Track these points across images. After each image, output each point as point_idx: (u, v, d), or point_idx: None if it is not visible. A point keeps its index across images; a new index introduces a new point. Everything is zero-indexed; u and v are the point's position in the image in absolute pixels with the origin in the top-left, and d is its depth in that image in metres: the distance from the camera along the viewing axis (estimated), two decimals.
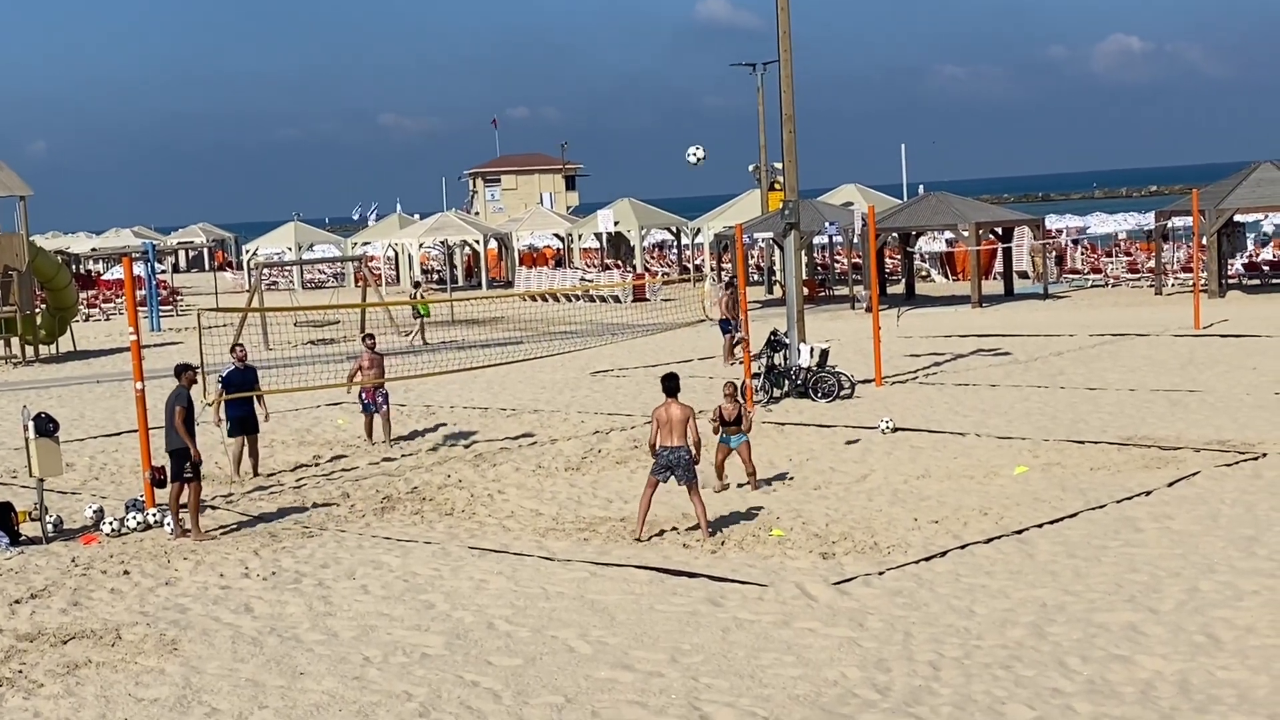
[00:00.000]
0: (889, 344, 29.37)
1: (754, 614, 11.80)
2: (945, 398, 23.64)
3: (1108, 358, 27.65)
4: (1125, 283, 47.85)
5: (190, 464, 15.59)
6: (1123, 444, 18.51)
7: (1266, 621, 10.97)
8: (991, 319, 37.79)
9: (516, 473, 18.80)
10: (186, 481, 15.67)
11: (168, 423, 15.76)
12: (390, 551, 14.68)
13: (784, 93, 25.71)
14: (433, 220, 67.40)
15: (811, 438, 20.28)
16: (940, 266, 55.53)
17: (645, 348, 33.64)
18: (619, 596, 12.50)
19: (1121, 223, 61.73)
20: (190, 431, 15.68)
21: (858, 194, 55.31)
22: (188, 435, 15.61)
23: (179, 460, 15.67)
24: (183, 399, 15.83)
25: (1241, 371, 24.59)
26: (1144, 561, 12.84)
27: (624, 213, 61.57)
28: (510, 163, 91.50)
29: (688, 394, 25.36)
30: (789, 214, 25.67)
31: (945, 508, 15.52)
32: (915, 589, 12.38)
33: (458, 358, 30.98)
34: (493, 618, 12.07)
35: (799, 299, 25.98)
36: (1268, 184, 40.97)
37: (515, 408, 24.81)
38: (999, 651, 10.61)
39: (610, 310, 46.28)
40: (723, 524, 15.20)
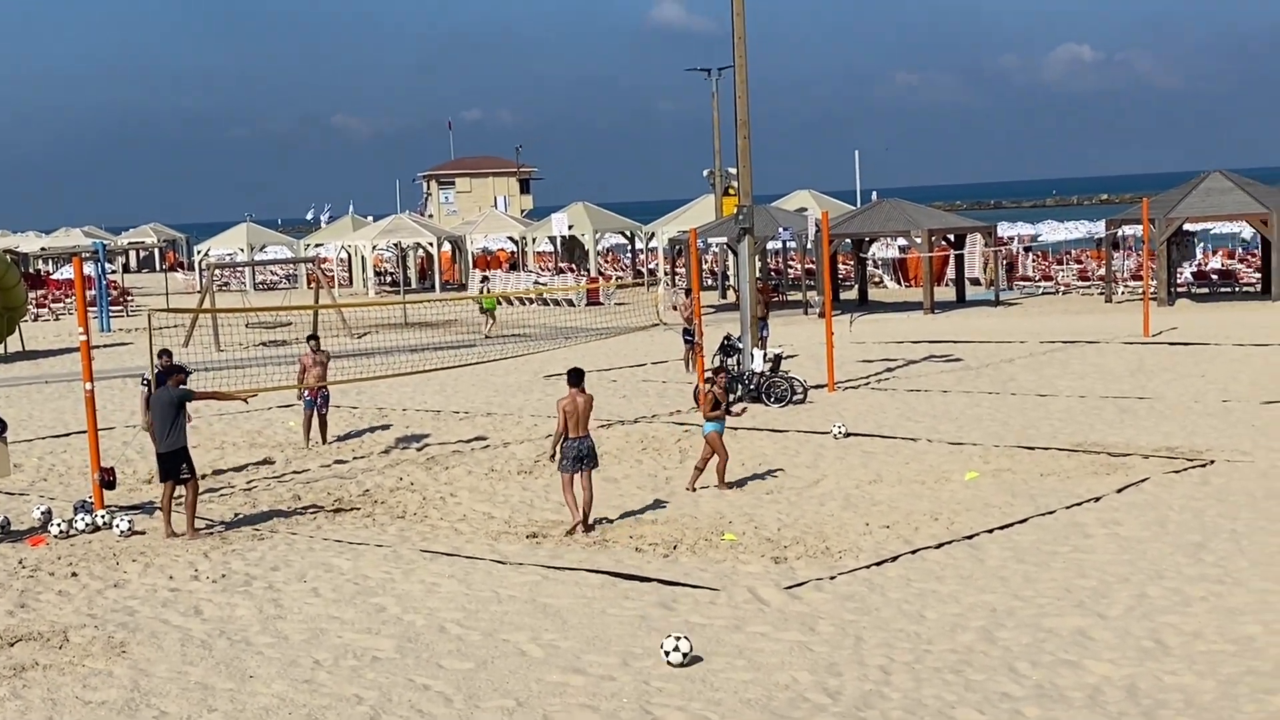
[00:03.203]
0: (842, 349, 29.49)
1: (706, 618, 11.82)
2: (897, 403, 23.77)
3: (1058, 364, 27.87)
4: (1076, 290, 48.26)
5: (186, 464, 15.64)
6: (1072, 450, 18.66)
7: (1213, 627, 11.08)
8: (943, 325, 38.02)
9: (469, 476, 18.75)
10: (183, 481, 15.67)
11: (166, 423, 15.65)
12: (341, 554, 14.60)
13: (738, 98, 25.78)
14: (386, 222, 67.11)
15: (764, 442, 20.33)
16: (893, 273, 55.81)
17: (599, 351, 33.62)
18: (571, 600, 12.49)
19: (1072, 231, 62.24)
20: (165, 431, 15.63)
21: (812, 200, 55.51)
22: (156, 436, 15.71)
23: (175, 461, 15.61)
24: (174, 400, 15.78)
25: (1190, 379, 24.84)
26: (1093, 567, 12.95)
27: (578, 216, 61.55)
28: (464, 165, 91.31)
29: (642, 399, 25.55)
30: (743, 219, 25.74)
31: (897, 512, 15.60)
32: (866, 593, 12.43)
33: (410, 360, 30.85)
34: (444, 621, 12.02)
35: (752, 304, 26.04)
36: (1216, 194, 41.43)
37: (468, 411, 24.74)
38: (949, 656, 10.67)
39: (564, 314, 46.23)
40: (676, 528, 15.21)
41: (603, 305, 49.84)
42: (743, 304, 25.94)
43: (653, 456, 19.77)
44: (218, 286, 51.84)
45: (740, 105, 25.85)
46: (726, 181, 50.35)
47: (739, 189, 26.92)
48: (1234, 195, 41.22)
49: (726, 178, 50.21)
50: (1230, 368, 26.03)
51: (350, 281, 71.22)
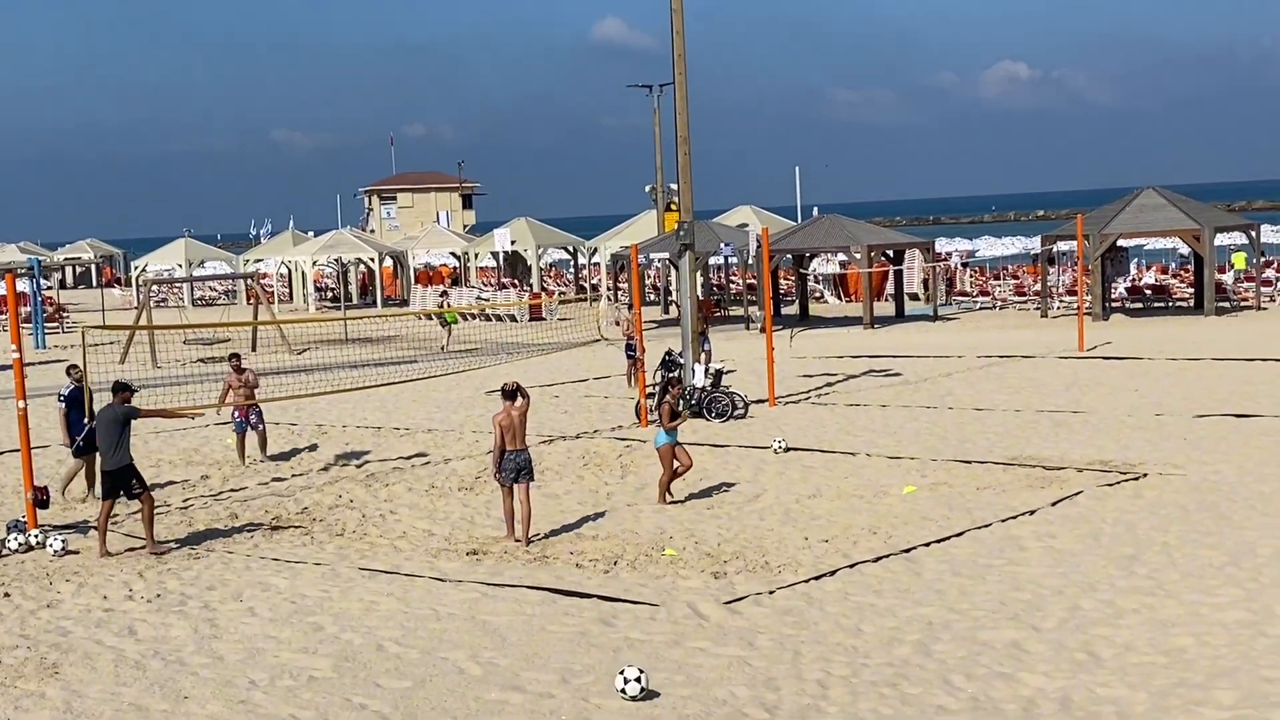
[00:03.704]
0: (782, 364, 29.63)
1: (645, 634, 11.84)
2: (837, 418, 23.91)
3: (995, 379, 28.14)
4: (1012, 305, 48.75)
5: (136, 479, 15.62)
6: (1008, 464, 18.84)
7: (1145, 639, 11.22)
8: (883, 340, 38.29)
9: (409, 493, 18.68)
10: (135, 496, 15.66)
11: (111, 440, 15.56)
12: (279, 573, 14.50)
13: (679, 115, 25.89)
14: (327, 238, 66.81)
15: (705, 457, 20.37)
16: (833, 288, 56.17)
17: (541, 367, 33.61)
18: (510, 617, 12.47)
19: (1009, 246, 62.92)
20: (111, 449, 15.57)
21: (753, 215, 55.78)
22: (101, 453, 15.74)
23: (122, 478, 15.54)
24: (119, 417, 15.70)
25: (1123, 393, 25.15)
26: (1027, 580, 13.08)
27: (521, 232, 61.51)
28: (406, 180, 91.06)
29: (584, 414, 25.54)
30: (684, 235, 25.83)
31: (835, 527, 15.69)
32: (805, 608, 12.49)
33: (351, 376, 30.70)
34: (382, 639, 11.97)
35: (694, 319, 26.13)
36: (1150, 210, 42.02)
37: (409, 427, 24.65)
38: (885, 669, 10.74)
39: (506, 329, 46.19)
40: (617, 543, 15.24)
41: (545, 321, 49.83)
42: (684, 319, 26.03)
43: (594, 472, 19.78)
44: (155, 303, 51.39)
45: (680, 122, 25.96)
46: (668, 197, 50.50)
47: (680, 205, 27.00)
48: (1166, 212, 41.82)
49: (668, 193, 50.37)
50: (1163, 382, 26.38)
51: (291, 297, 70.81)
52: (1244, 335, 34.38)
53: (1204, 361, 29.12)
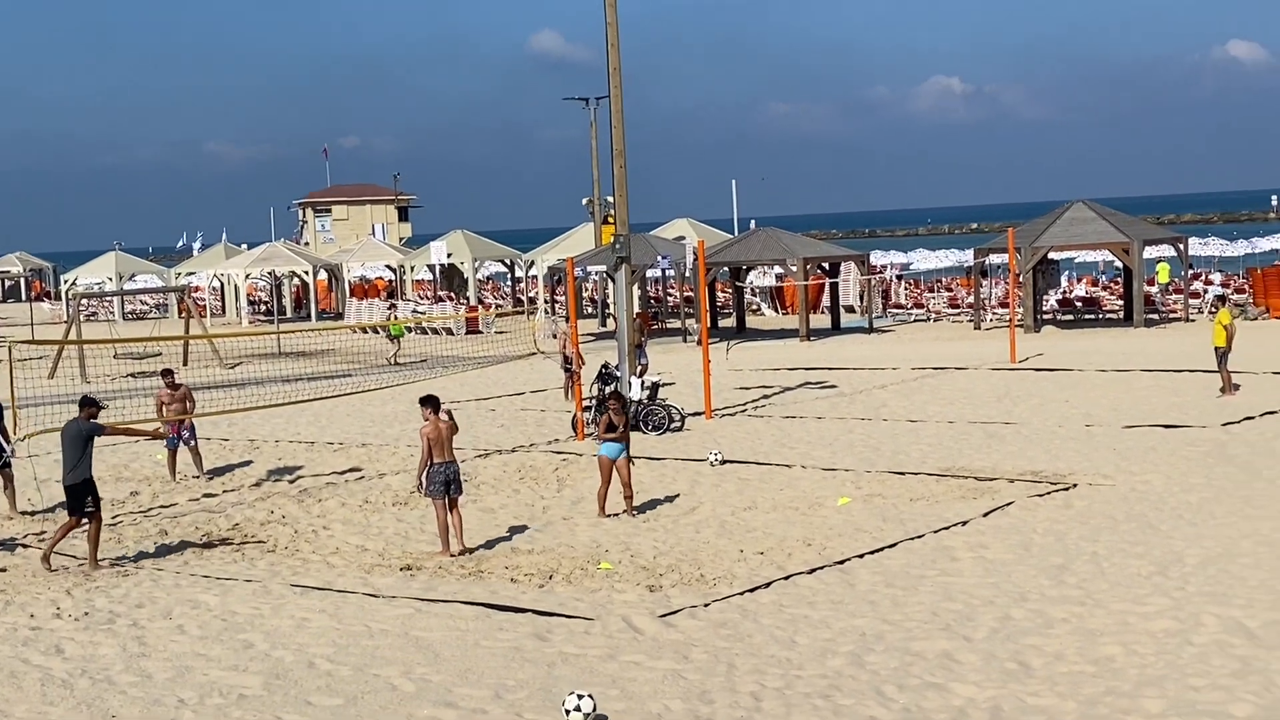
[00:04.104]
0: (719, 377, 29.70)
1: (580, 648, 11.81)
2: (773, 430, 23.99)
3: (928, 391, 28.35)
4: (946, 317, 49.17)
5: (92, 497, 15.49)
6: (941, 475, 18.99)
7: (1074, 648, 11.33)
8: (819, 352, 38.49)
9: (342, 508, 18.54)
10: (88, 515, 15.47)
11: (74, 456, 15.44)
12: (209, 590, 14.34)
13: (614, 128, 25.92)
14: (260, 250, 66.30)
15: (641, 470, 20.36)
16: (770, 300, 56.40)
17: (478, 380, 33.50)
18: (444, 633, 12.40)
19: (943, 259, 63.42)
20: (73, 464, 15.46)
21: (690, 228, 55.92)
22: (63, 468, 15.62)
23: (79, 494, 15.45)
24: (82, 433, 15.58)
25: (1054, 404, 25.41)
26: (959, 590, 13.18)
27: (457, 245, 61.35)
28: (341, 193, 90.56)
29: (521, 427, 25.48)
30: (620, 248, 25.84)
31: (771, 539, 15.74)
32: (740, 620, 12.52)
33: (284, 391, 30.45)
34: (314, 656, 11.87)
35: (630, 332, 26.14)
36: (1080, 223, 42.54)
37: (343, 441, 24.48)
38: (819, 681, 10.78)
39: (443, 342, 46.00)
40: (552, 557, 15.20)
41: (482, 334, 49.69)
42: (620, 332, 26.03)
43: (530, 486, 19.73)
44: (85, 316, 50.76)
45: (616, 135, 25.99)
46: (605, 210, 50.53)
47: (617, 218, 27.02)
48: (1096, 225, 42.36)
49: (605, 206, 50.39)
50: (1093, 393, 26.69)
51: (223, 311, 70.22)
52: (1172, 347, 34.86)
53: (1133, 373, 29.49)
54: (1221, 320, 25.29)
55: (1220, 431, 21.44)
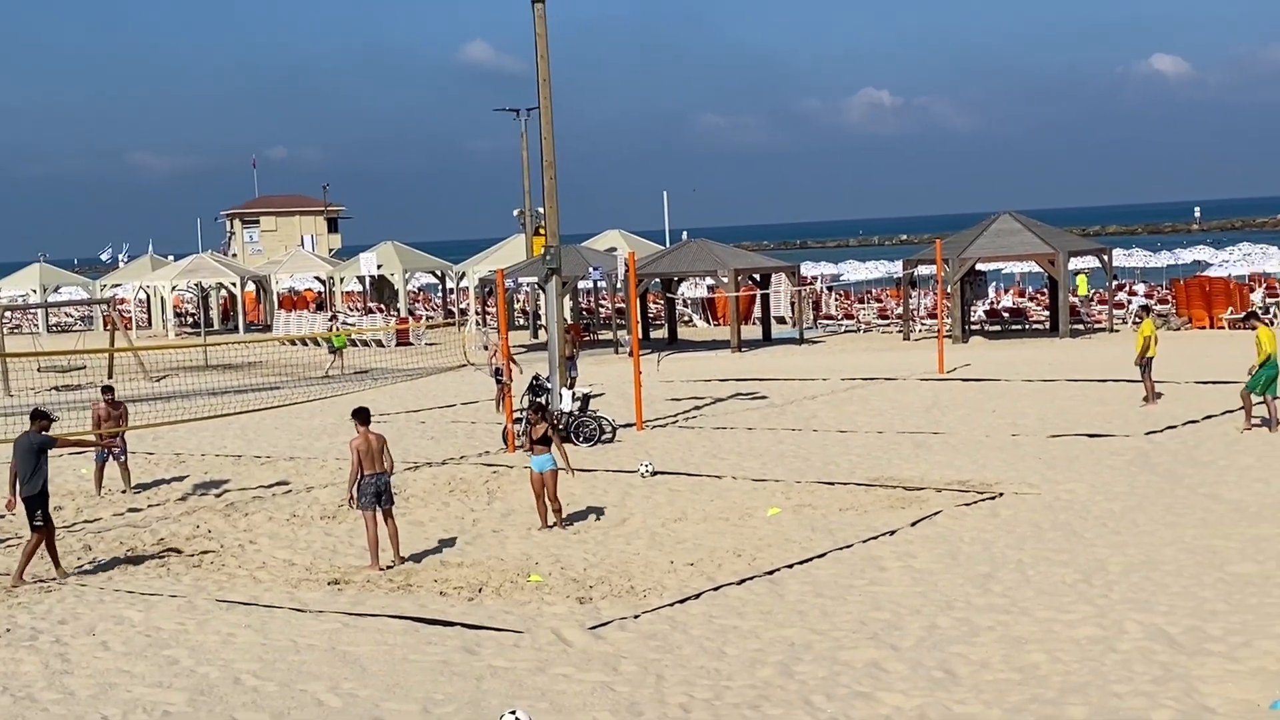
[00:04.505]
0: (650, 388, 29.73)
1: (509, 661, 11.77)
2: (704, 441, 24.05)
3: (858, 401, 28.54)
4: (876, 328, 49.55)
5: (41, 511, 15.38)
6: (870, 485, 19.11)
7: (1000, 656, 11.44)
8: (750, 363, 38.64)
9: (269, 522, 18.38)
10: (36, 528, 15.41)
11: (26, 469, 15.35)
12: (133, 606, 14.17)
13: (544, 139, 25.90)
14: (187, 262, 65.65)
15: (572, 482, 20.33)
16: (702, 312, 56.57)
17: (408, 392, 33.33)
18: (372, 647, 12.32)
19: (873, 270, 63.91)
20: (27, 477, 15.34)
21: (622, 239, 56.02)
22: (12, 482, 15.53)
23: (30, 507, 15.40)
24: (34, 445, 15.48)
25: (981, 414, 25.66)
26: (887, 599, 13.27)
27: (387, 256, 61.04)
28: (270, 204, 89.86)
29: (451, 440, 25.36)
30: (550, 259, 25.83)
31: (701, 550, 15.77)
32: (669, 631, 12.53)
33: (211, 404, 30.13)
34: (239, 672, 11.74)
35: (561, 344, 26.11)
36: (1006, 234, 43.03)
37: (270, 455, 24.27)
38: (748, 692, 10.81)
39: (372, 354, 45.72)
40: (482, 570, 15.15)
41: (413, 345, 49.45)
42: (551, 343, 26.00)
43: (460, 498, 19.65)
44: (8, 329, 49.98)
45: (546, 146, 25.98)
46: (537, 221, 50.46)
47: (547, 229, 27.01)
48: (1022, 236, 42.87)
49: (536, 217, 50.33)
50: (1019, 403, 26.98)
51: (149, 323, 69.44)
52: (1097, 357, 35.31)
53: (1058, 383, 29.83)
54: (1144, 331, 25.67)
55: (1143, 440, 21.74)
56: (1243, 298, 43.66)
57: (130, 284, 68.97)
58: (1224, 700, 10.17)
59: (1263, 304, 44.00)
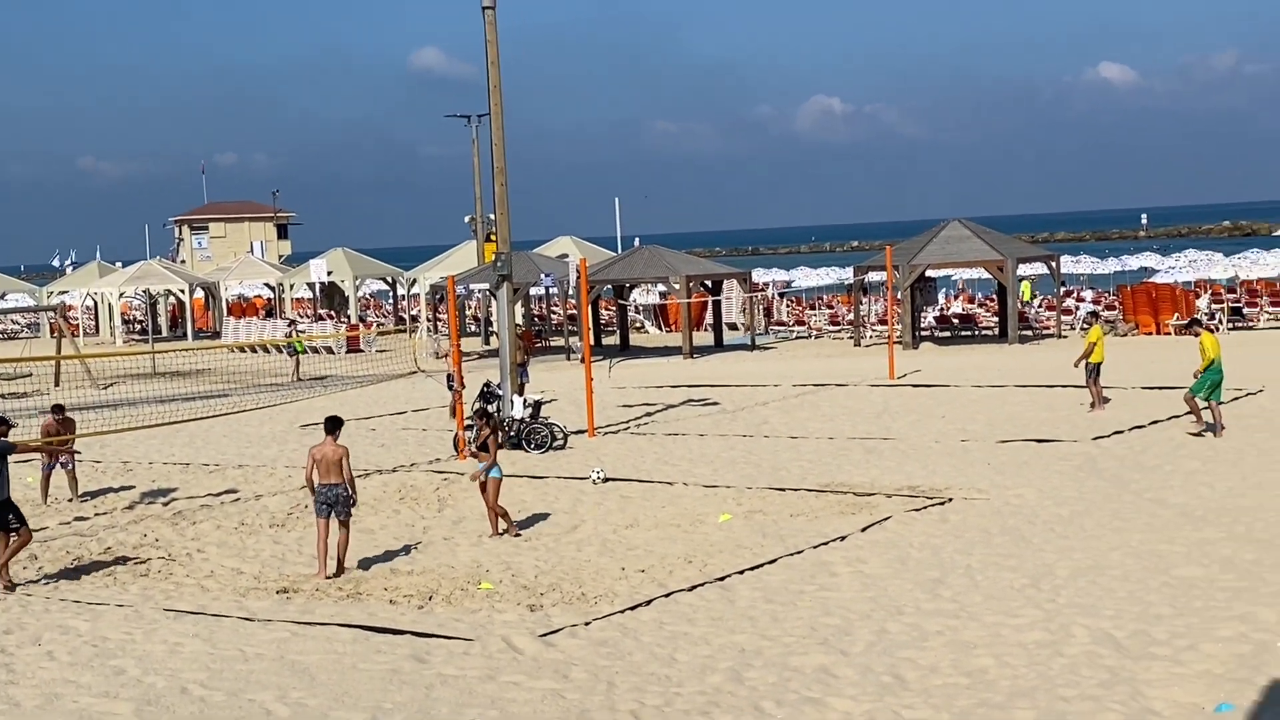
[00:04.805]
0: (603, 395, 29.73)
1: (459, 669, 11.73)
2: (655, 447, 24.07)
3: (809, 407, 28.64)
4: (827, 334, 49.75)
5: (14, 514, 15.30)
6: (821, 490, 19.18)
7: (949, 661, 11.50)
8: (702, 370, 38.71)
9: (218, 530, 18.24)
10: (14, 530, 15.31)
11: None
12: (80, 615, 14.01)
13: (495, 146, 25.86)
14: (135, 269, 65.10)
15: (523, 489, 20.34)
16: (654, 318, 56.62)
17: (359, 399, 33.17)
18: (320, 656, 12.24)
19: (824, 276, 64.19)
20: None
21: (574, 246, 55.99)
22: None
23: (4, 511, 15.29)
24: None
25: (931, 420, 25.82)
26: (837, 605, 13.32)
27: (338, 262, 60.74)
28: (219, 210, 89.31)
29: (401, 447, 25.26)
30: (501, 266, 25.79)
31: (652, 556, 15.78)
32: (620, 638, 12.52)
33: (159, 411, 29.87)
34: (187, 682, 11.64)
35: (512, 350, 26.07)
36: (956, 241, 43.34)
37: (219, 463, 24.09)
38: (698, 698, 10.82)
39: (323, 361, 45.47)
40: (432, 578, 15.10)
41: (363, 352, 49.22)
42: (502, 350, 25.96)
43: (410, 506, 19.57)
44: None
45: (497, 153, 25.93)
46: (488, 227, 50.34)
47: (498, 236, 26.96)
48: (972, 243, 43.19)
49: (488, 224, 50.21)
50: (968, 408, 27.16)
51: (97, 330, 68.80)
52: (1045, 363, 35.60)
53: (1007, 388, 30.06)
54: (1091, 337, 25.91)
55: (1091, 445, 21.94)
56: (1188, 304, 44.13)
57: (78, 290, 68.31)
58: (1169, 704, 10.28)
59: (1208, 310, 44.51)
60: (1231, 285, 49.36)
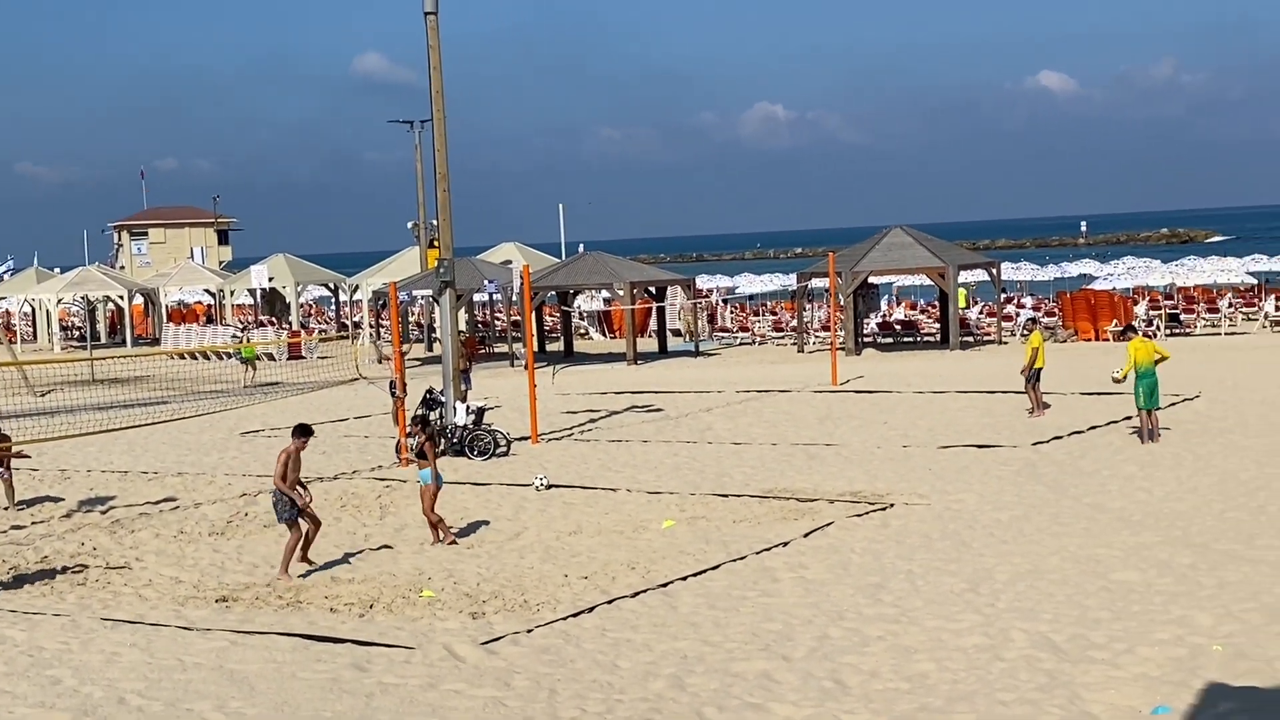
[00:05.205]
0: (547, 401, 29.70)
1: (400, 678, 11.66)
2: (599, 454, 24.06)
3: (753, 413, 28.73)
4: (771, 340, 49.92)
5: None
6: (763, 496, 19.24)
7: (889, 666, 11.56)
8: (646, 376, 38.74)
9: (156, 539, 18.05)
10: None
11: None
12: (15, 625, 13.82)
13: (438, 152, 25.79)
14: (73, 274, 64.39)
15: (466, 496, 20.27)
16: (598, 324, 56.61)
17: (300, 407, 32.90)
18: (260, 665, 12.13)
19: (768, 283, 64.41)
20: None
21: (517, 252, 55.91)
22: None
23: None
24: None
25: (874, 426, 25.96)
26: (779, 611, 13.36)
27: (279, 268, 60.33)
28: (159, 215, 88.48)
29: (343, 454, 25.10)
30: (444, 272, 25.71)
31: (595, 563, 15.76)
32: (562, 646, 12.50)
33: (97, 418, 29.52)
34: (124, 692, 11.50)
35: (455, 357, 25.99)
36: (898, 248, 43.63)
37: (158, 471, 23.85)
38: (640, 705, 10.82)
39: (263, 368, 45.10)
40: (373, 586, 15.01)
41: (305, 359, 48.88)
42: (445, 357, 25.87)
43: (352, 514, 19.45)
44: None
45: (439, 159, 25.86)
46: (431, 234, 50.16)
47: (441, 242, 26.87)
48: (914, 250, 43.49)
49: (431, 230, 50.03)
50: (910, 414, 27.34)
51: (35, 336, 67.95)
52: (986, 369, 35.90)
53: (948, 394, 30.29)
54: (1033, 343, 26.15)
55: (1030, 451, 22.13)
56: (1127, 310, 44.65)
57: (15, 297, 67.49)
58: (1107, 707, 10.38)
59: (1146, 316, 45.03)
60: (1169, 292, 49.96)
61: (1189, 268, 50.75)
